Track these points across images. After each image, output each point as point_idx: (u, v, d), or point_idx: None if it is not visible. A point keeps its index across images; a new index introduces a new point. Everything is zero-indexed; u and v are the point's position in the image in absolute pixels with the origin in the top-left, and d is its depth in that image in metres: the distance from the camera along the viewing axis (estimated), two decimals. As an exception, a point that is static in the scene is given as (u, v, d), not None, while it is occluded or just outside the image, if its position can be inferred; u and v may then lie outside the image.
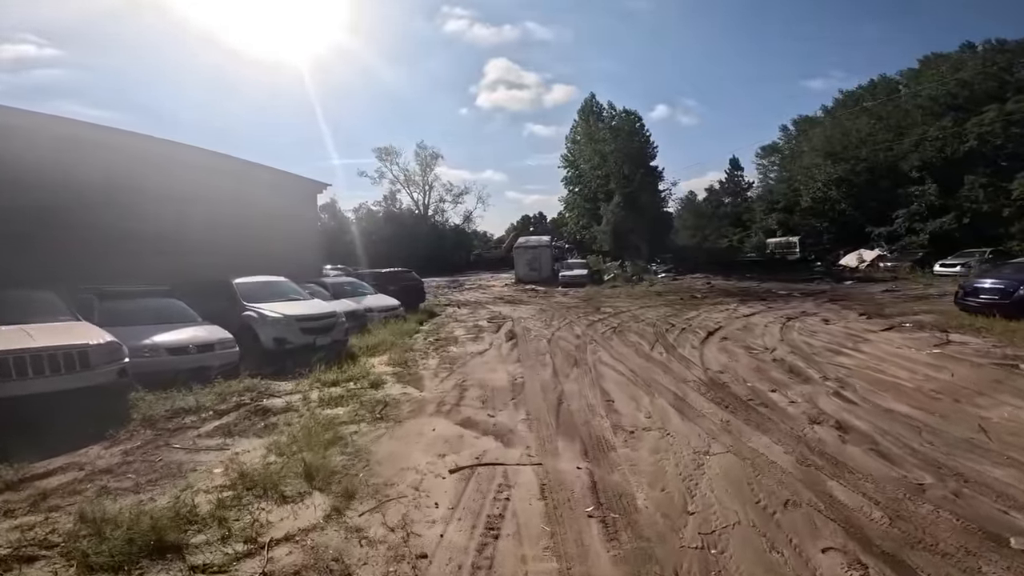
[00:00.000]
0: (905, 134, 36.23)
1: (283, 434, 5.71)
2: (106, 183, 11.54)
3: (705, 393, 6.69)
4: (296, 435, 5.57)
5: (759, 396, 6.52)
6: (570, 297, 21.81)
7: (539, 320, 14.36)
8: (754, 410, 6.02)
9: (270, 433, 5.84)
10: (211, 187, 14.64)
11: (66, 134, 11.14)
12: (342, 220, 60.11)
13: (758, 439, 5.19)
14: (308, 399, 7.09)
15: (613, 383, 7.32)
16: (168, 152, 13.82)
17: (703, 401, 6.39)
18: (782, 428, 5.47)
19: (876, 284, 22.47)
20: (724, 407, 6.14)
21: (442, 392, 7.26)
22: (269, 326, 9.25)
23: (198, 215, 13.75)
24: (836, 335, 10.47)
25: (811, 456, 4.78)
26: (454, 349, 10.37)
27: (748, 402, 6.30)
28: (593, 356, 9.13)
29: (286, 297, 10.67)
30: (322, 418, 6.15)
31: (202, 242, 13.46)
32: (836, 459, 4.70)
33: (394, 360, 9.25)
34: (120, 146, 12.40)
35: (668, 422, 5.72)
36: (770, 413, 5.92)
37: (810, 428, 5.47)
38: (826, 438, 5.20)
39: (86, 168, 11.25)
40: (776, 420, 5.70)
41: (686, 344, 9.94)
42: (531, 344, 10.59)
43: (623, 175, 37.06)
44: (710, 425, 5.58)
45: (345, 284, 16.41)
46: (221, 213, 14.55)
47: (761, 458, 4.75)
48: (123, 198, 11.85)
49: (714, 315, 14.03)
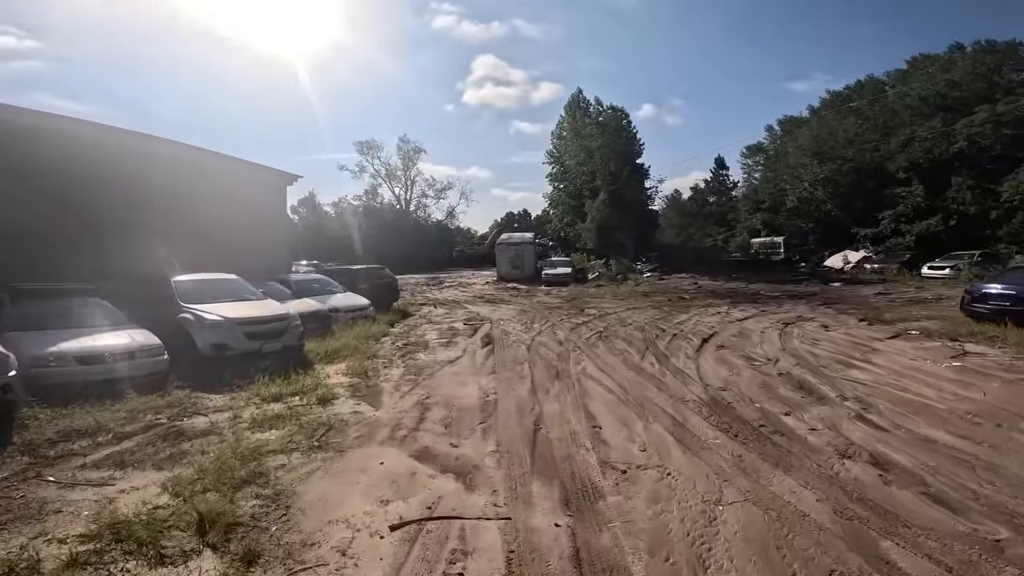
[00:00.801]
0: (892, 134, 35.88)
1: (191, 466, 4.62)
2: (42, 171, 10.21)
3: (708, 417, 5.70)
4: (207, 468, 4.49)
5: (772, 421, 5.55)
6: (553, 296, 20.80)
7: (519, 322, 13.31)
8: (769, 440, 5.04)
9: (175, 464, 4.74)
10: (168, 177, 13.33)
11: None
12: (321, 215, 58.49)
13: (780, 481, 4.21)
14: (238, 419, 5.95)
15: (600, 402, 6.29)
16: (118, 140, 12.51)
17: (707, 428, 5.39)
18: (807, 465, 4.50)
19: (865, 286, 21.87)
20: (733, 436, 5.15)
21: (400, 411, 6.17)
22: (207, 330, 8.05)
23: (153, 207, 12.50)
24: (841, 343, 9.60)
25: (850, 504, 3.81)
26: (423, 356, 9.26)
27: (760, 429, 5.32)
28: (577, 367, 8.10)
29: (235, 297, 9.45)
30: (246, 445, 5.05)
31: (157, 236, 12.19)
32: (883, 508, 3.75)
33: (353, 369, 8.13)
34: (63, 133, 11.03)
35: (668, 457, 4.71)
36: (789, 444, 4.95)
37: (841, 464, 4.51)
38: (863, 478, 4.24)
39: (19, 157, 9.92)
40: (798, 453, 4.72)
41: (680, 353, 8.97)
42: (509, 351, 9.53)
43: (609, 172, 36.12)
44: (719, 461, 4.59)
45: (312, 282, 15.20)
46: (179, 205, 13.30)
47: (789, 508, 3.77)
48: (61, 189, 10.52)
49: (706, 319, 13.12)
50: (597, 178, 36.80)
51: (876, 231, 33.68)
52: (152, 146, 13.71)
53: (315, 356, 9.07)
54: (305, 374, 7.82)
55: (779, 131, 58.44)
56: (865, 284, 22.85)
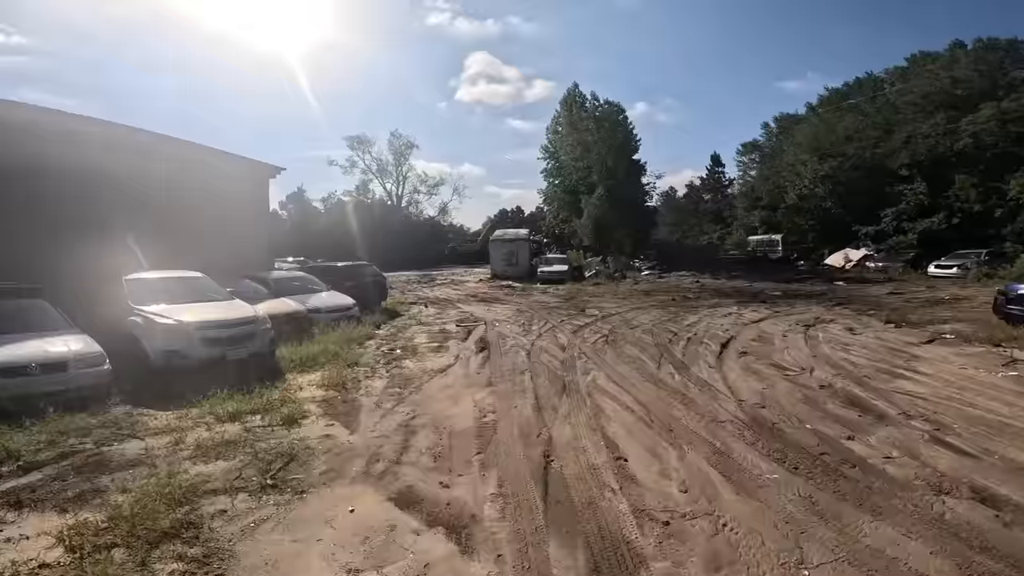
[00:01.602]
0: (894, 131, 35.19)
1: (103, 508, 3.60)
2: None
3: (754, 443, 4.70)
4: (122, 512, 3.48)
5: (834, 447, 4.57)
6: (550, 295, 19.77)
7: (516, 324, 12.29)
8: (840, 473, 4.06)
9: (84, 506, 3.72)
10: (137, 168, 12.17)
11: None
12: (310, 210, 57.11)
13: (874, 529, 3.24)
14: (180, 444, 4.89)
15: (620, 424, 5.27)
16: (80, 128, 11.30)
17: (757, 458, 4.40)
18: (899, 505, 3.53)
19: (873, 285, 21.06)
20: (792, 469, 4.16)
21: (380, 436, 5.12)
22: (158, 335, 6.94)
23: (120, 200, 11.39)
24: (875, 349, 8.67)
25: (976, 557, 2.89)
26: (410, 364, 8.19)
27: (823, 458, 4.33)
28: (586, 378, 7.08)
29: (198, 297, 8.32)
30: (180, 482, 4.01)
31: (124, 231, 11.05)
32: (1018, 558, 2.81)
33: (329, 380, 7.06)
34: (16, 121, 9.86)
35: (718, 499, 3.71)
36: (866, 478, 3.97)
37: (940, 502, 3.56)
38: (976, 519, 3.31)
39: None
40: (882, 490, 3.75)
41: (699, 361, 7.98)
42: (507, 358, 8.49)
43: (606, 167, 35.13)
44: (786, 504, 3.59)
45: (293, 280, 14.11)
46: (149, 198, 12.17)
47: (899, 569, 2.81)
48: (15, 182, 9.39)
49: (717, 320, 12.16)
50: (593, 173, 35.82)
51: (878, 229, 32.94)
52: (118, 135, 12.54)
53: (288, 364, 7.99)
54: (273, 386, 6.76)
55: (775, 128, 58.05)
56: (872, 283, 22.04)
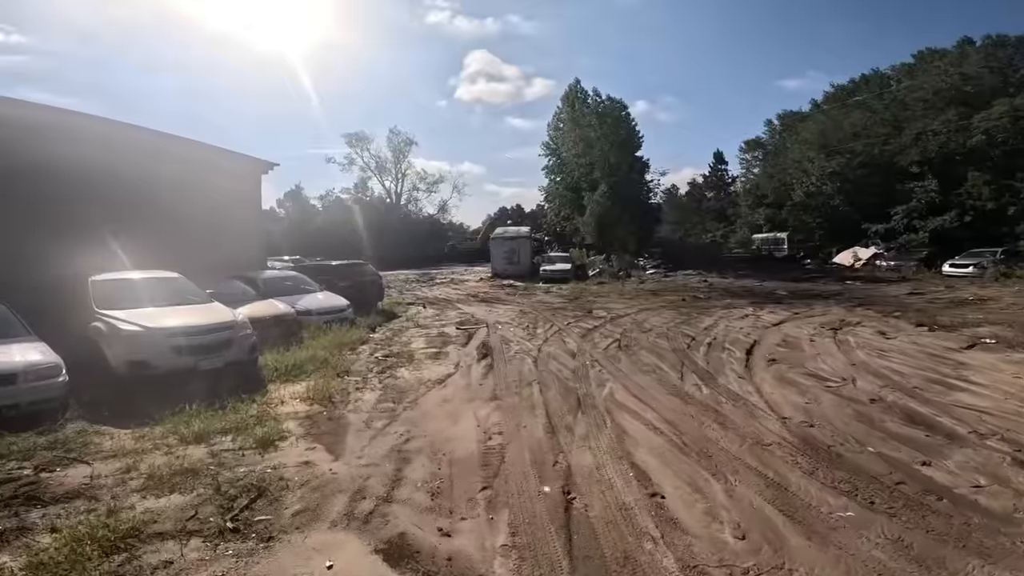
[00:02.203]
0: (904, 128, 34.43)
1: (20, 554, 2.91)
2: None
3: (813, 471, 3.96)
4: (42, 560, 2.78)
5: (908, 474, 3.83)
6: (553, 296, 19.03)
7: (520, 327, 11.55)
8: (924, 506, 3.33)
9: (3, 548, 3.02)
10: (122, 164, 11.47)
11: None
12: (307, 208, 56.35)
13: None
14: (131, 471, 4.16)
15: (648, 449, 4.52)
16: (63, 122, 10.61)
17: (820, 489, 3.66)
18: (1008, 545, 2.83)
19: (888, 285, 20.33)
20: (867, 503, 3.43)
21: (368, 463, 4.38)
22: (121, 343, 6.18)
23: (105, 198, 10.78)
24: (915, 355, 7.93)
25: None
26: (405, 374, 7.45)
27: (899, 488, 3.60)
28: (601, 391, 6.34)
29: (173, 300, 7.56)
30: (122, 521, 3.28)
31: (108, 231, 10.39)
32: None
33: (316, 392, 6.33)
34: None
35: (784, 547, 2.97)
36: (957, 511, 3.24)
37: (1061, 559, 2.83)
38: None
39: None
40: (982, 527, 3.03)
41: (726, 370, 7.25)
42: (512, 366, 7.74)
43: (608, 163, 34.34)
44: (871, 549, 2.86)
45: (285, 279, 13.40)
46: (135, 196, 11.52)
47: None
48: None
49: (735, 323, 11.43)
50: (596, 170, 35.02)
51: (888, 227, 32.21)
52: (104, 129, 11.85)
53: (271, 373, 7.24)
54: (251, 400, 6.02)
55: (779, 126, 57.36)
56: (886, 283, 21.30)
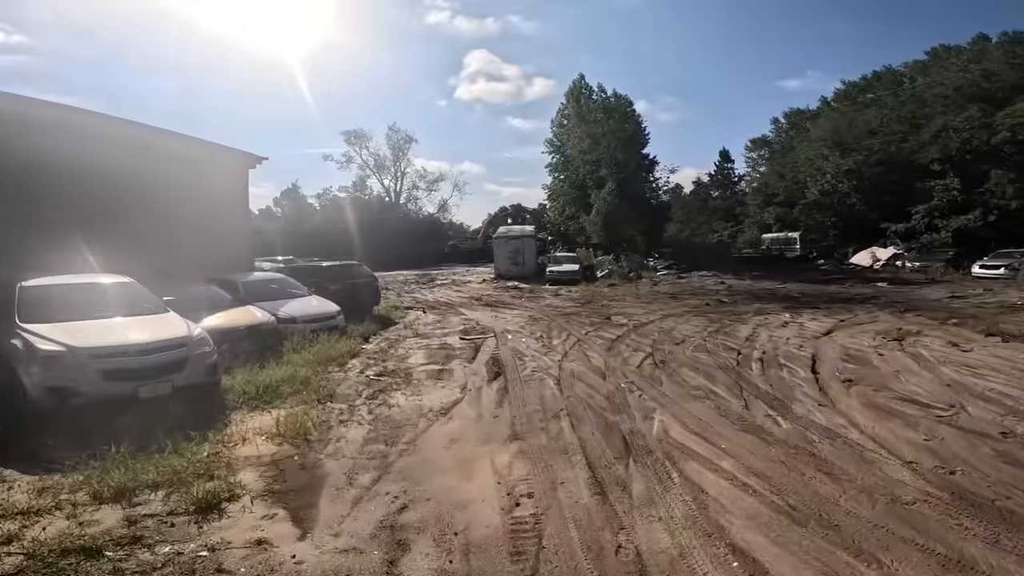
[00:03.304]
0: (922, 125, 33.12)
1: None
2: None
3: (996, 540, 2.62)
4: None
5: None
6: (563, 299, 17.67)
7: (532, 336, 10.22)
8: None
9: None
10: (88, 157, 10.22)
11: None
12: (304, 207, 54.96)
13: None
14: (11, 545, 2.83)
15: (745, 519, 3.16)
16: (23, 112, 9.33)
17: (1019, 564, 2.35)
18: None
19: (920, 287, 19.00)
20: None
21: (348, 548, 3.03)
22: (38, 365, 4.86)
23: (69, 194, 9.63)
24: (1009, 372, 6.57)
25: None
26: (401, 400, 6.10)
27: None
28: (651, 425, 5.01)
29: (118, 310, 6.23)
30: None
31: (73, 230, 9.15)
32: None
33: (288, 426, 4.99)
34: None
35: None
36: None
37: None
38: None
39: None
40: None
41: (796, 394, 5.91)
42: (531, 390, 6.40)
43: (616, 160, 33.03)
44: None
45: (271, 282, 12.13)
46: (104, 191, 10.29)
47: None
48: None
49: (778, 332, 10.09)
50: (602, 167, 33.69)
51: (908, 226, 30.89)
52: (65, 119, 10.53)
53: (238, 398, 5.91)
54: (203, 436, 4.70)
55: (786, 124, 56.34)
56: (915, 284, 19.97)
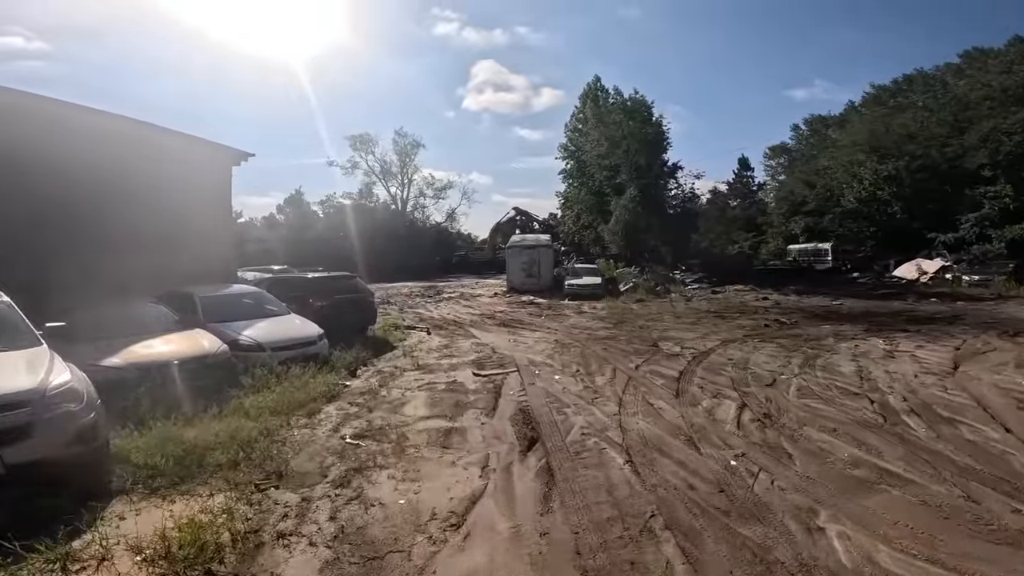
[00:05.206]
0: (967, 129, 30.75)
1: None
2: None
3: None
4: None
5: None
6: (589, 317, 15.37)
7: (566, 371, 8.00)
8: None
9: None
10: (42, 149, 8.61)
11: None
12: (308, 214, 53.19)
13: None
14: None
15: None
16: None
17: None
18: None
19: (993, 303, 16.60)
20: None
21: None
22: None
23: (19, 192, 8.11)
24: None
25: None
26: (387, 489, 3.82)
27: None
28: (827, 547, 2.79)
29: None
30: None
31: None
32: None
33: (185, 541, 2.84)
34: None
35: None
36: None
37: None
38: None
39: None
40: None
41: (1017, 466, 3.68)
42: (587, 470, 4.16)
43: (636, 165, 30.81)
44: None
45: (243, 297, 10.08)
46: (60, 190, 9.03)
47: None
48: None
49: (892, 366, 7.78)
50: (622, 172, 31.45)
51: (956, 236, 28.43)
52: (23, 104, 8.80)
53: (135, 474, 3.77)
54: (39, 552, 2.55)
55: (807, 131, 54.40)
56: (982, 301, 17.54)
